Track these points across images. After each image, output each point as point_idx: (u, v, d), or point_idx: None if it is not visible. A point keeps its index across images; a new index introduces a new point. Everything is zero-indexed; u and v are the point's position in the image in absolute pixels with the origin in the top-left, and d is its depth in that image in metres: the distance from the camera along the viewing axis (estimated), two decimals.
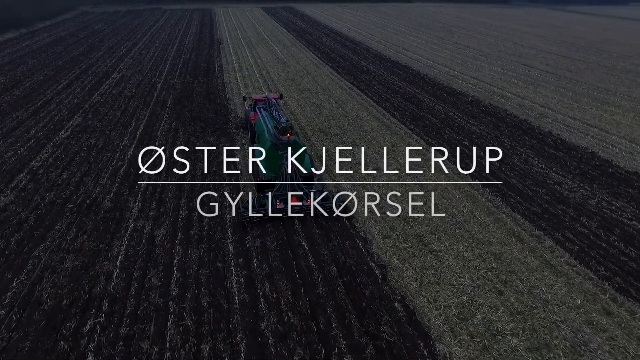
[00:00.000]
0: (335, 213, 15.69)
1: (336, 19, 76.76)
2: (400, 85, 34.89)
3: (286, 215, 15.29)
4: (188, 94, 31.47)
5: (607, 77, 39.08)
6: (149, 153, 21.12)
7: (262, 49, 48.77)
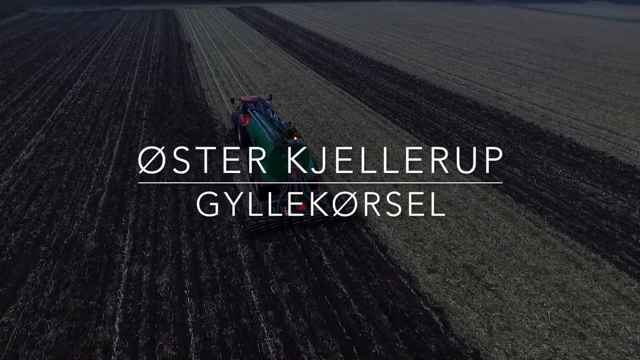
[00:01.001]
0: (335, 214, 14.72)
1: (307, 18, 74.53)
2: (392, 87, 33.07)
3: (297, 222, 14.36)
4: (165, 103, 28.45)
5: (594, 75, 38.71)
6: (128, 173, 18.23)
7: (236, 51, 45.92)
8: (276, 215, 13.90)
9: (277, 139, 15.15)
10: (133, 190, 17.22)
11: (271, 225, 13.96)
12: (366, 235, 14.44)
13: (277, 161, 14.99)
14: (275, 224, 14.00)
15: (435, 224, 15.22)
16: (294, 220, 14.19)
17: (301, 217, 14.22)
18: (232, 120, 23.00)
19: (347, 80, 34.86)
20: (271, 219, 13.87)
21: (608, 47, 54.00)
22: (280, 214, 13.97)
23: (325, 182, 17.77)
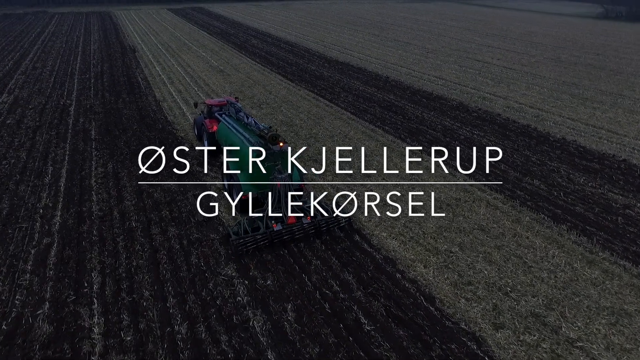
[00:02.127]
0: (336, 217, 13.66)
1: (257, 18, 70.89)
2: (368, 91, 30.60)
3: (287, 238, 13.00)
4: (116, 119, 24.33)
5: (564, 71, 38.26)
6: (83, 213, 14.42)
7: (188, 55, 41.78)
8: (263, 232, 12.64)
9: (259, 145, 13.63)
10: (93, 237, 13.49)
11: (259, 241, 12.57)
12: (403, 281, 11.70)
13: (260, 170, 13.51)
14: (264, 240, 12.63)
15: (477, 258, 12.75)
16: (285, 234, 12.92)
17: (292, 230, 12.95)
18: (195, 126, 20.97)
19: (318, 85, 32.00)
20: (259, 236, 12.52)
21: (563, 42, 54.66)
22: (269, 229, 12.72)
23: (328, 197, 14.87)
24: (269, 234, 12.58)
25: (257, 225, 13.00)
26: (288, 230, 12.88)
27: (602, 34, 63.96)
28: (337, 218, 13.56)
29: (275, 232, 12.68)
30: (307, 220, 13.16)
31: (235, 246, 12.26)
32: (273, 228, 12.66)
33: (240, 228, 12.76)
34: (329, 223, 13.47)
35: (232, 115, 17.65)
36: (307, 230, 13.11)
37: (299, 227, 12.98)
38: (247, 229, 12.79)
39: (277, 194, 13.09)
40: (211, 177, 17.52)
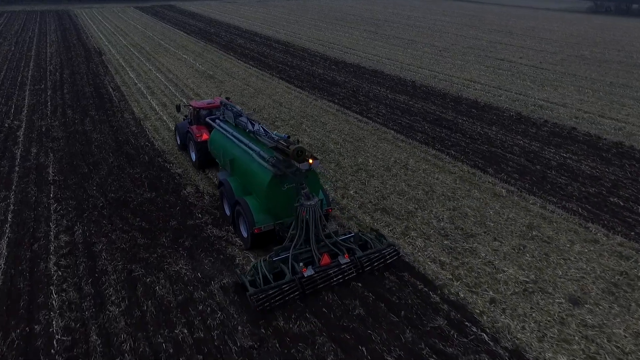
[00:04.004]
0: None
1: (235, 16, 64.24)
2: (400, 99, 25.01)
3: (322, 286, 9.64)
4: (84, 149, 17.88)
5: (601, 70, 33.82)
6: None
7: (168, 59, 35.14)
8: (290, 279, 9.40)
9: (276, 163, 10.38)
10: None
11: (287, 294, 9.32)
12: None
13: (278, 195, 10.49)
14: (293, 291, 9.40)
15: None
16: (319, 281, 9.72)
17: (328, 275, 9.77)
18: (178, 133, 17.54)
19: (336, 92, 26.17)
20: (285, 286, 9.29)
21: (571, 37, 50.66)
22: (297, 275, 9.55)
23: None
24: (298, 283, 9.45)
25: (278, 269, 9.74)
26: (323, 274, 9.73)
27: (604, 28, 60.65)
28: (382, 253, 10.38)
29: (307, 278, 9.54)
30: (345, 258, 10.06)
31: (256, 303, 9.01)
32: (302, 273, 9.57)
33: (258, 275, 9.45)
34: (373, 260, 10.27)
35: (230, 120, 13.70)
36: (347, 273, 9.99)
37: (336, 269, 9.87)
38: (267, 276, 9.43)
39: (304, 226, 9.74)
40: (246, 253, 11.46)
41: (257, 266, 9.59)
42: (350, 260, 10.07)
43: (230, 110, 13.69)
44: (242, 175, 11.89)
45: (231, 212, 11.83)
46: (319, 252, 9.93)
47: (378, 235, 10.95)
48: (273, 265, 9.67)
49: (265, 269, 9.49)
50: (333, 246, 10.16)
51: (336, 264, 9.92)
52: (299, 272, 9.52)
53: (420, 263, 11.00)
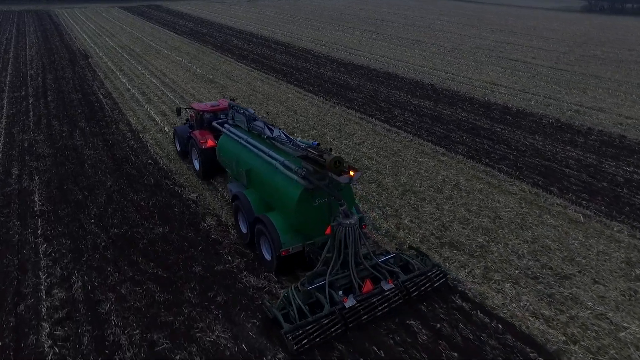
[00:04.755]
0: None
1: (226, 16, 61.40)
2: (424, 105, 22.82)
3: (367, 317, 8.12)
4: (75, 169, 15.24)
5: (624, 70, 32.13)
6: None
7: (161, 61, 32.40)
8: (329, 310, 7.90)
9: (306, 174, 8.65)
10: None
11: (329, 329, 7.66)
12: None
13: (308, 211, 8.96)
14: (335, 325, 7.75)
15: None
16: (363, 312, 8.15)
17: (372, 304, 8.24)
18: (177, 138, 16.13)
19: (352, 98, 23.85)
20: (325, 320, 7.74)
21: (575, 37, 49.19)
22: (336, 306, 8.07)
23: None
24: (339, 315, 8.03)
25: (313, 298, 8.34)
26: (366, 304, 8.34)
27: (604, 27, 59.53)
28: (428, 275, 9.12)
29: (348, 309, 8.13)
30: (389, 284, 8.71)
31: (293, 342, 7.50)
32: (343, 303, 8.16)
33: (291, 307, 8.10)
34: (419, 284, 8.96)
35: (241, 124, 12.00)
36: (392, 300, 8.59)
37: (380, 297, 8.51)
38: (302, 308, 8.05)
39: (342, 248, 8.28)
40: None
41: (289, 296, 8.20)
42: (395, 285, 8.69)
43: (242, 114, 11.92)
44: (262, 189, 10.43)
45: (249, 230, 10.37)
46: (359, 277, 8.49)
47: (419, 254, 9.74)
48: (307, 295, 8.23)
49: (299, 300, 8.09)
50: (373, 269, 8.80)
51: (379, 291, 8.52)
52: (339, 302, 8.13)
53: (520, 319, 8.71)
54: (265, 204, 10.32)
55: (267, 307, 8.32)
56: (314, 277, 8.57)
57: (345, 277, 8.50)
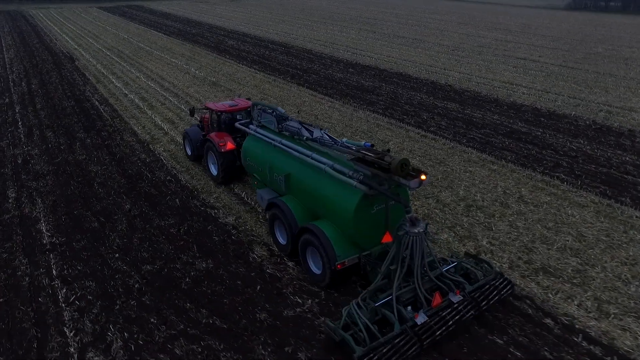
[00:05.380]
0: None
1: (213, 16, 59.03)
2: (451, 107, 21.46)
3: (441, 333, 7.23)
4: (83, 189, 13.28)
5: (621, 67, 31.46)
6: None
7: (155, 63, 30.24)
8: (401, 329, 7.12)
9: (365, 178, 7.89)
10: None
11: (405, 351, 6.83)
12: None
13: (366, 219, 8.23)
14: (411, 346, 6.90)
15: None
16: (436, 328, 7.23)
17: (444, 319, 7.34)
18: (188, 141, 15.04)
19: (372, 100, 22.32)
20: (399, 340, 6.91)
21: (574, 34, 48.76)
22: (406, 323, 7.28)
23: None
24: (413, 334, 7.02)
25: (377, 315, 7.46)
26: (439, 319, 7.36)
27: (595, 25, 59.50)
28: (494, 285, 8.24)
29: (421, 326, 7.14)
30: (457, 295, 7.83)
31: None
32: (414, 320, 7.23)
33: (357, 327, 7.04)
34: (487, 295, 8.04)
35: (269, 125, 11.06)
36: (463, 314, 7.59)
37: (451, 310, 7.52)
38: (370, 328, 7.06)
39: (409, 258, 7.46)
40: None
41: (354, 314, 7.26)
42: (464, 297, 7.88)
43: (271, 113, 10.99)
44: (305, 195, 9.59)
45: (292, 242, 9.45)
46: (424, 288, 7.75)
47: (478, 261, 8.86)
48: (374, 312, 7.47)
49: (363, 318, 7.20)
50: (437, 280, 8.07)
51: (447, 304, 7.72)
52: (409, 319, 7.32)
53: None
54: (308, 212, 9.52)
55: (332, 328, 7.30)
56: (375, 291, 7.81)
57: (410, 291, 7.73)
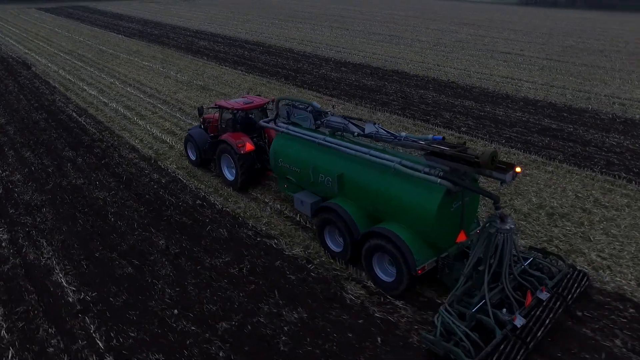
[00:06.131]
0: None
1: (171, 16, 55.30)
2: (467, 105, 20.43)
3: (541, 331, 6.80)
4: (95, 222, 10.76)
5: (606, 59, 31.98)
6: None
7: (127, 68, 27.27)
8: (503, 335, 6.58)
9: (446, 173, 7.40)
10: None
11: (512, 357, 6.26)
12: None
13: (446, 217, 7.69)
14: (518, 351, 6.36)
15: None
16: (536, 330, 6.75)
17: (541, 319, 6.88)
18: (194, 146, 13.54)
19: (383, 100, 20.89)
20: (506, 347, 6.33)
21: (540, 29, 49.75)
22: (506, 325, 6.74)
23: None
24: (516, 339, 6.47)
25: (472, 321, 6.79)
26: (536, 320, 6.84)
27: (554, 19, 61.30)
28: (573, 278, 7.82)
29: (520, 329, 6.61)
30: (543, 292, 7.32)
31: None
32: (513, 323, 6.64)
33: (459, 336, 6.38)
34: (570, 289, 7.59)
35: (302, 122, 10.12)
36: (555, 310, 7.10)
37: (543, 308, 7.03)
38: (471, 336, 6.43)
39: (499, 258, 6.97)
40: None
41: (449, 323, 6.57)
42: (551, 293, 7.40)
43: (305, 109, 10.03)
44: (363, 197, 8.79)
45: (352, 248, 8.74)
46: (513, 288, 7.30)
47: (545, 254, 8.38)
48: (472, 319, 6.83)
49: (461, 325, 6.57)
50: (521, 278, 7.63)
51: (536, 302, 7.25)
52: (507, 322, 6.72)
53: None
54: (367, 215, 8.78)
55: (432, 340, 6.56)
56: (464, 295, 7.20)
57: (498, 292, 7.20)
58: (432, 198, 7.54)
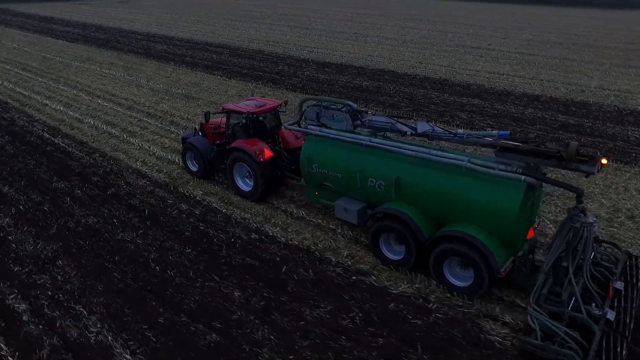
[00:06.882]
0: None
1: (109, 18, 50.70)
2: (475, 104, 19.95)
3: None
4: (146, 282, 8.76)
5: (571, 51, 33.15)
6: None
7: (87, 77, 24.23)
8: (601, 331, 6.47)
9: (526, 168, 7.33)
10: None
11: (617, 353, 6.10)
12: None
13: (524, 214, 7.65)
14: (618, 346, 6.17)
15: None
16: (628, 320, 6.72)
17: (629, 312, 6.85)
18: (193, 155, 12.49)
19: (391, 103, 19.93)
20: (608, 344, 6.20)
21: (493, 22, 51.16)
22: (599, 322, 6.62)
23: None
24: (614, 334, 6.38)
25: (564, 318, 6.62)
26: (623, 311, 6.88)
27: (497, 14, 63.59)
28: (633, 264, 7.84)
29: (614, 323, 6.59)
30: (617, 281, 7.33)
31: None
32: (606, 317, 6.61)
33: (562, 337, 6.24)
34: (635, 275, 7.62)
35: (341, 124, 9.47)
36: (634, 298, 7.13)
37: (625, 298, 7.09)
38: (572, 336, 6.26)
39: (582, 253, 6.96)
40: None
41: (547, 324, 6.36)
42: (625, 284, 7.41)
43: (340, 109, 9.50)
44: (426, 199, 8.38)
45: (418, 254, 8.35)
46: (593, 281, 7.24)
47: (599, 243, 8.29)
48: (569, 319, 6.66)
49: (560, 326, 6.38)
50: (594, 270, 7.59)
51: (615, 293, 7.22)
52: (600, 317, 6.62)
53: None
54: (429, 218, 8.38)
55: (539, 345, 6.25)
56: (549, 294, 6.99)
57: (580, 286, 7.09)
58: (512, 196, 7.37)
